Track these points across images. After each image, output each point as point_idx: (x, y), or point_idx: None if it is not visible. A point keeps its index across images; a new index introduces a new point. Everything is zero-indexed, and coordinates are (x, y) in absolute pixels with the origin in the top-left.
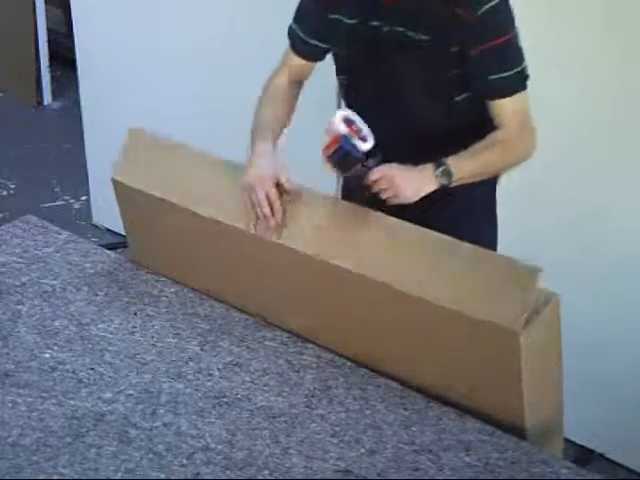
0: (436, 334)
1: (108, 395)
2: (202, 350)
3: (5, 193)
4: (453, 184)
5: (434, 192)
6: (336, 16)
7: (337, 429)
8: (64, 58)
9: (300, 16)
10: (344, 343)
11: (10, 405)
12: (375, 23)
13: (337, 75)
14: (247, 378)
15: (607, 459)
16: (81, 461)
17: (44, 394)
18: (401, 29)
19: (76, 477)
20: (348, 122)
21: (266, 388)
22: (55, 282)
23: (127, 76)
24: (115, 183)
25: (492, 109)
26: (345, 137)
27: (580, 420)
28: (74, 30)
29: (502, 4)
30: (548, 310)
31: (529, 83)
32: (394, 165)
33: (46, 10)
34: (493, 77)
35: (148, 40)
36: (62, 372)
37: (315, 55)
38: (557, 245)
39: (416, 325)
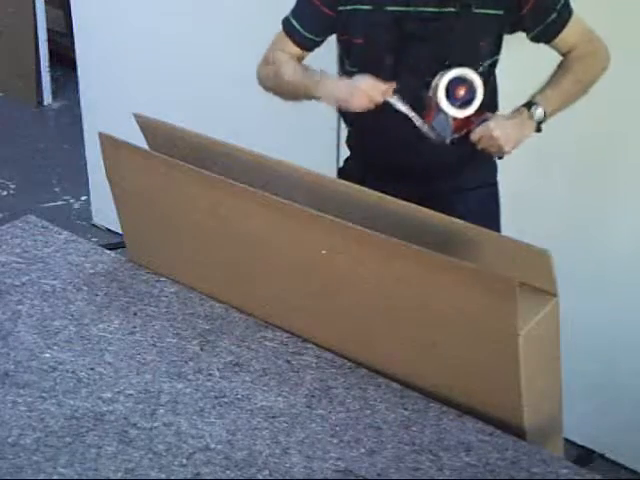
0: (435, 334)
1: (108, 395)
2: (202, 350)
3: (5, 193)
4: (547, 119)
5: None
6: (349, 7)
7: (337, 429)
8: (64, 58)
9: (299, 11)
10: (344, 344)
11: (10, 405)
12: (393, 8)
13: (341, 64)
14: (247, 378)
15: (607, 459)
16: (81, 461)
17: (44, 394)
18: (423, 8)
19: (76, 477)
20: (455, 84)
21: (266, 388)
22: (55, 282)
23: (127, 76)
24: (111, 184)
25: (557, 47)
26: (439, 114)
27: (580, 420)
28: (74, 30)
29: None
30: (548, 310)
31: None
32: (491, 122)
33: (46, 10)
34: (547, 21)
35: (148, 40)
36: (62, 372)
37: (314, 47)
38: (556, 245)
39: (415, 325)
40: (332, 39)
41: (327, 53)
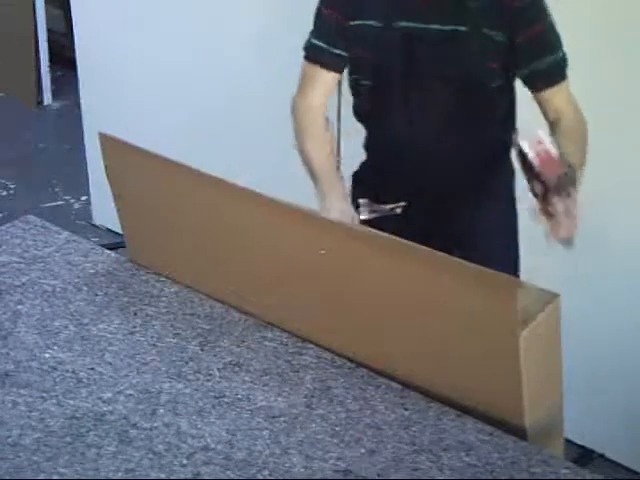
0: (435, 334)
1: (108, 395)
2: (202, 350)
3: (5, 193)
4: None
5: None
6: (359, 22)
7: (337, 429)
8: (64, 58)
9: (321, 30)
10: (344, 343)
11: (10, 405)
12: (404, 24)
13: (351, 75)
14: (247, 378)
15: (607, 459)
16: (81, 461)
17: (44, 394)
18: (436, 26)
19: (76, 477)
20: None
21: (266, 388)
22: (55, 282)
23: (127, 76)
24: (111, 186)
25: (545, 104)
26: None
27: (580, 420)
28: (74, 30)
29: None
30: (548, 310)
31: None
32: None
33: (46, 10)
34: (542, 63)
35: (148, 40)
36: (62, 372)
37: (344, 66)
38: (556, 245)
39: (416, 325)
40: None
41: None
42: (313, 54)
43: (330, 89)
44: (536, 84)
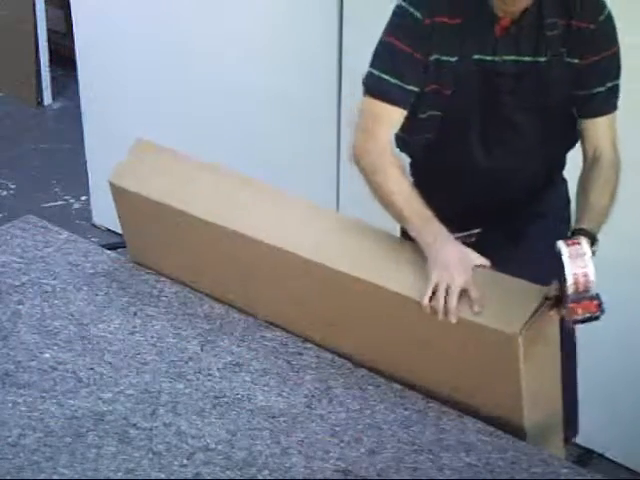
0: (436, 336)
1: (108, 395)
2: (202, 350)
3: (5, 193)
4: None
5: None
6: (436, 56)
7: (337, 429)
8: (64, 58)
9: (395, 65)
10: (344, 346)
11: (10, 405)
12: (478, 57)
13: (423, 112)
14: (247, 378)
15: (607, 459)
16: (81, 461)
17: (44, 394)
18: (513, 57)
19: (76, 477)
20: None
21: (266, 388)
22: (55, 282)
23: (127, 76)
24: (112, 187)
25: (590, 130)
26: (601, 305)
27: (580, 420)
28: (74, 30)
29: (611, 15)
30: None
31: None
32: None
33: (46, 10)
34: (603, 87)
35: (148, 40)
36: (62, 372)
37: (410, 104)
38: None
39: (416, 327)
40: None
41: (329, 50)
42: (380, 90)
43: (396, 125)
44: (590, 109)
